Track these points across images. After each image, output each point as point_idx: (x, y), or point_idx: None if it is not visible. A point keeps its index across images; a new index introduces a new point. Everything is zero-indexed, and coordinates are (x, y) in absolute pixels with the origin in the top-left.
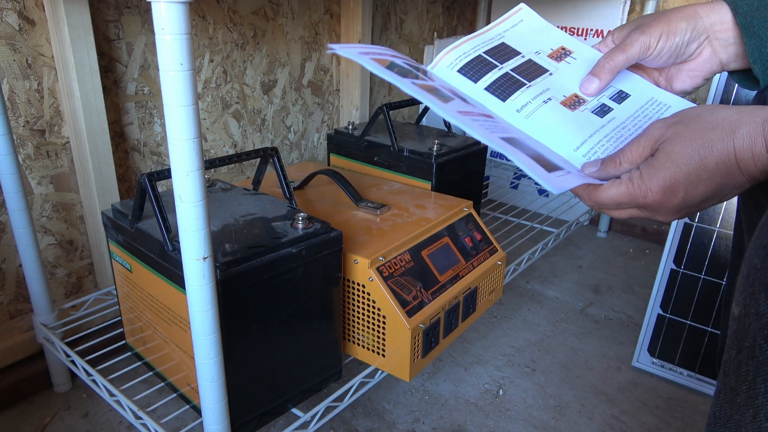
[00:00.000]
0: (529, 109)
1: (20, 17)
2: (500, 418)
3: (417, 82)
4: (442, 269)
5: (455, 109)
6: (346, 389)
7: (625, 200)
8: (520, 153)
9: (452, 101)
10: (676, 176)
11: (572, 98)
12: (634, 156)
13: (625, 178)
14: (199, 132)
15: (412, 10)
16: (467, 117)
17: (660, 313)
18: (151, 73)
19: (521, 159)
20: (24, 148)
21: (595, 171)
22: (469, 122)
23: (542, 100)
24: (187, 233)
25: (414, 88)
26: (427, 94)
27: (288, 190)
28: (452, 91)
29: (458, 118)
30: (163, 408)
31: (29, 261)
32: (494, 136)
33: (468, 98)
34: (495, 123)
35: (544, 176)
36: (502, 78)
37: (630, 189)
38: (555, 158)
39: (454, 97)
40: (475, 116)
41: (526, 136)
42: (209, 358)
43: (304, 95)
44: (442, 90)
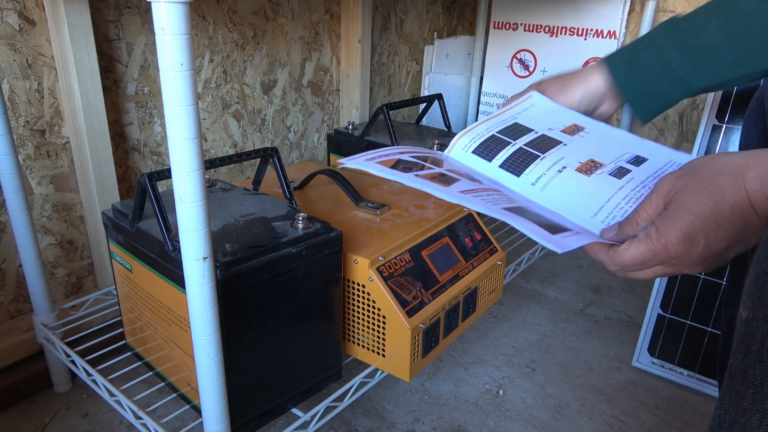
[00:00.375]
0: (544, 180)
1: (20, 17)
2: (500, 418)
3: (421, 173)
4: (442, 269)
5: (456, 190)
6: (346, 389)
7: (648, 257)
8: (522, 220)
9: (456, 183)
10: (693, 224)
11: (588, 164)
12: (648, 213)
13: (642, 236)
14: (199, 132)
15: (412, 10)
16: (468, 195)
17: (660, 313)
18: (151, 73)
19: (523, 224)
20: (24, 148)
21: (613, 235)
22: (469, 199)
23: (557, 169)
24: (187, 233)
25: (415, 180)
26: (428, 183)
27: (288, 190)
28: (466, 173)
29: (458, 198)
30: (163, 408)
31: (29, 261)
32: (496, 207)
33: (482, 177)
34: (501, 195)
35: (547, 238)
36: (516, 153)
37: (649, 245)
38: (566, 223)
39: (460, 179)
40: (479, 192)
41: (537, 206)
42: (209, 358)
43: (304, 95)
44: (448, 174)
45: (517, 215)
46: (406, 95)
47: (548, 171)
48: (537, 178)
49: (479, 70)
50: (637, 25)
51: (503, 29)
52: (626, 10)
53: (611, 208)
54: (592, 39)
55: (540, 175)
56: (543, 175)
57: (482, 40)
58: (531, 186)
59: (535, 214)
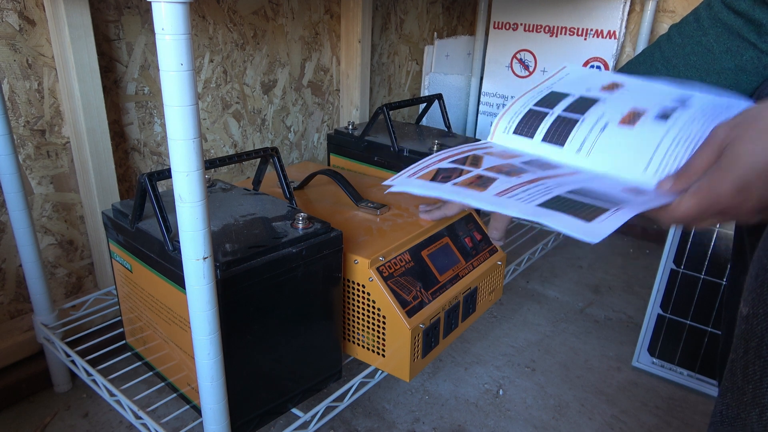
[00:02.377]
0: (588, 144)
1: (20, 17)
2: (500, 418)
3: (458, 180)
4: (442, 269)
5: (492, 194)
6: (346, 389)
7: (701, 211)
8: (554, 215)
9: (493, 184)
10: (746, 177)
11: (630, 115)
12: (702, 163)
13: (694, 189)
14: (199, 132)
15: (412, 10)
16: (503, 197)
17: (660, 313)
18: (151, 73)
19: (555, 220)
20: (24, 148)
21: (670, 186)
22: (504, 203)
23: (599, 129)
24: (187, 233)
25: (453, 192)
26: (466, 191)
27: (288, 190)
28: (507, 166)
29: (493, 203)
30: (163, 408)
31: (29, 261)
32: (530, 207)
33: (527, 161)
34: (538, 187)
35: (581, 229)
36: (555, 123)
37: (701, 198)
38: (615, 191)
39: (497, 177)
40: (515, 190)
41: (586, 175)
42: (209, 358)
43: (304, 95)
44: (486, 175)
45: (550, 209)
46: (406, 95)
47: (590, 133)
48: (581, 144)
49: (479, 70)
50: (637, 25)
51: (503, 29)
52: (626, 10)
53: (661, 156)
54: (592, 39)
55: (583, 140)
56: (586, 139)
57: (482, 40)
58: (576, 154)
59: (578, 194)
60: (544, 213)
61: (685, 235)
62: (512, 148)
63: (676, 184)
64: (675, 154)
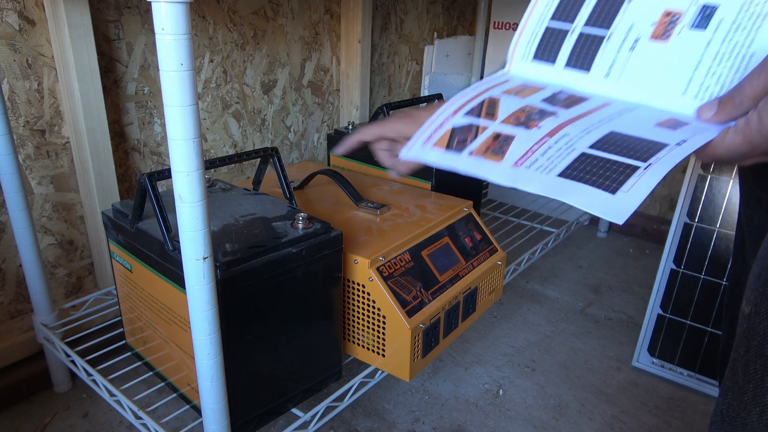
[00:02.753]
0: (618, 67)
1: (20, 17)
2: (500, 418)
3: (474, 146)
4: (442, 269)
5: (510, 164)
6: (346, 389)
7: (747, 150)
8: (576, 187)
9: (512, 144)
10: None
11: (663, 21)
12: (754, 89)
13: (741, 124)
14: (199, 132)
15: (412, 10)
16: (521, 167)
17: (660, 313)
18: (151, 73)
19: (577, 196)
20: (24, 148)
21: (713, 115)
22: (522, 176)
23: (629, 47)
24: (187, 233)
25: (470, 164)
26: (483, 163)
27: (288, 190)
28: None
29: (512, 178)
30: (163, 408)
31: (29, 261)
32: (549, 178)
33: (551, 92)
34: (561, 140)
35: (606, 206)
36: (578, 43)
37: (749, 136)
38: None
39: (515, 134)
40: (534, 153)
41: (617, 113)
42: (209, 358)
43: (304, 95)
44: (503, 133)
45: (571, 180)
46: (406, 95)
47: (619, 53)
48: (609, 67)
49: (479, 70)
50: None
51: (503, 29)
52: None
53: (702, 76)
54: None
55: (612, 62)
56: (615, 60)
57: (482, 40)
58: (605, 79)
59: (605, 147)
60: (565, 186)
61: (685, 235)
62: (532, 80)
63: (720, 112)
64: (719, 72)
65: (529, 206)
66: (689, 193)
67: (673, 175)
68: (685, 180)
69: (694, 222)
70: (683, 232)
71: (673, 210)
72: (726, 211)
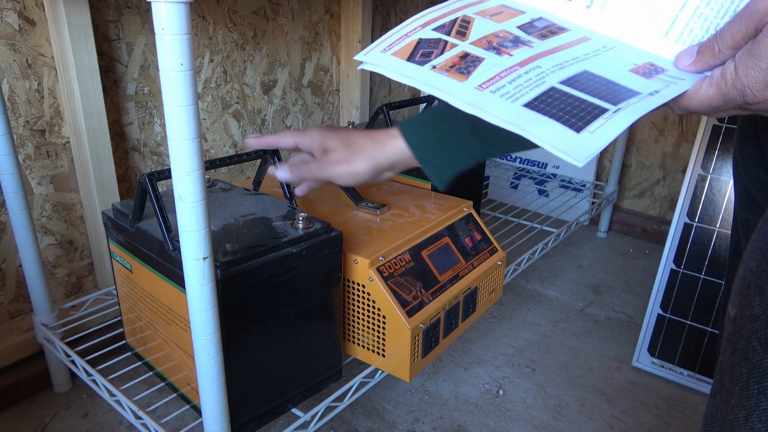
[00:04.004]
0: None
1: (20, 17)
2: (500, 418)
3: (439, 61)
4: (442, 269)
5: (474, 85)
6: (346, 389)
7: (720, 103)
8: (540, 119)
9: (479, 66)
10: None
11: None
12: (735, 39)
13: (717, 75)
14: (199, 132)
15: (412, 10)
16: (485, 91)
17: (660, 313)
18: (151, 73)
19: (539, 129)
20: (24, 148)
21: (690, 63)
22: (483, 100)
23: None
24: (188, 233)
25: (429, 80)
26: (443, 80)
27: (288, 190)
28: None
29: (472, 100)
30: (163, 408)
31: (29, 261)
32: (513, 107)
33: (529, 18)
34: (531, 71)
35: (568, 145)
36: None
37: (723, 89)
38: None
39: (485, 56)
40: (502, 77)
41: (594, 50)
42: (209, 358)
43: (304, 95)
44: (472, 53)
45: (536, 112)
46: (406, 95)
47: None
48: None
49: None
50: None
51: None
52: None
53: (687, 18)
54: None
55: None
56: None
57: None
58: (587, 10)
59: (576, 84)
60: (528, 117)
61: (685, 235)
62: (512, 2)
63: (698, 60)
64: (705, 15)
65: (529, 206)
66: (689, 193)
67: (673, 174)
68: (685, 180)
69: (694, 222)
70: (683, 232)
71: (673, 210)
72: (726, 211)
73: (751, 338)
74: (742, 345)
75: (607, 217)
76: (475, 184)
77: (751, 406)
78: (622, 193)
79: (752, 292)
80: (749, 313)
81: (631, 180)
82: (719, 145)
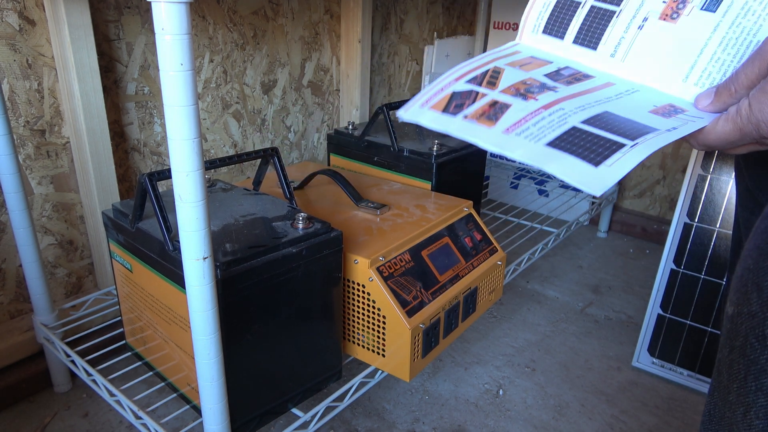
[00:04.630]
0: (624, 47)
1: (20, 17)
2: (500, 418)
3: (470, 111)
4: (442, 269)
5: (500, 130)
6: (346, 389)
7: (736, 138)
8: (561, 156)
9: (506, 112)
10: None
11: (674, 1)
12: (749, 79)
13: (732, 111)
14: (199, 132)
15: (412, 10)
16: (511, 134)
17: (660, 313)
18: (151, 73)
19: (560, 165)
20: (24, 148)
21: (709, 103)
22: (510, 142)
23: (637, 25)
24: (188, 233)
25: (462, 128)
26: (474, 127)
27: (288, 190)
28: (527, 81)
29: (500, 143)
30: (163, 408)
31: (29, 261)
32: (537, 146)
33: (556, 67)
34: (554, 113)
35: (586, 177)
36: (588, 17)
37: (739, 124)
38: (640, 119)
39: (512, 103)
40: (527, 120)
41: (616, 95)
42: (209, 358)
43: (304, 95)
44: (500, 101)
45: (557, 150)
46: (406, 95)
47: (627, 31)
48: (616, 46)
49: None
50: None
51: (503, 29)
52: None
53: (705, 62)
54: None
55: (618, 41)
56: (622, 39)
57: (482, 40)
58: (610, 58)
59: (597, 123)
60: (550, 155)
61: (685, 235)
62: (540, 53)
63: (716, 101)
64: (722, 60)
65: (529, 206)
66: (689, 193)
67: (673, 174)
68: (685, 180)
69: (694, 222)
70: (683, 232)
71: (673, 210)
72: (726, 211)
73: (748, 335)
74: (739, 342)
75: (607, 217)
76: (475, 184)
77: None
78: (622, 193)
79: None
80: (747, 310)
81: (631, 180)
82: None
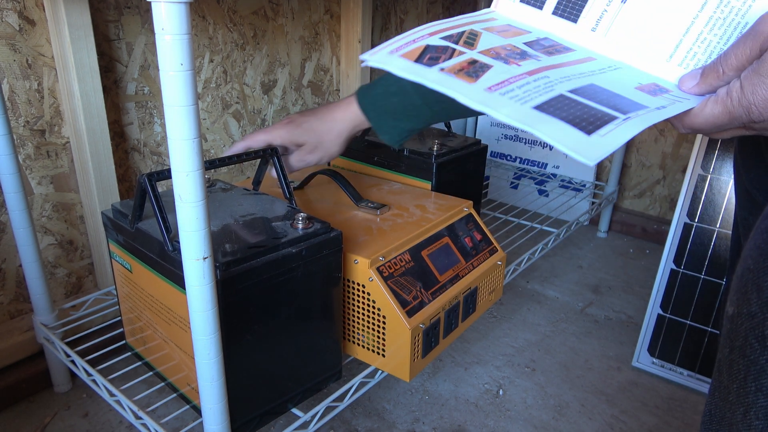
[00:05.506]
0: (606, 21)
1: (20, 17)
2: (500, 418)
3: (447, 64)
4: (442, 269)
5: (483, 87)
6: (346, 389)
7: (725, 121)
8: (550, 120)
9: (487, 72)
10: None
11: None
12: (740, 60)
13: (722, 94)
14: (199, 132)
15: (412, 10)
16: (496, 93)
17: (660, 313)
18: (151, 73)
19: (550, 128)
20: (24, 148)
21: (694, 85)
22: (495, 100)
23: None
24: (187, 233)
25: (438, 78)
26: (453, 80)
27: (288, 190)
28: (507, 46)
29: (483, 99)
30: (163, 408)
31: (29, 261)
32: (524, 108)
33: (534, 37)
34: (539, 81)
35: (579, 144)
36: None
37: (729, 106)
38: (625, 93)
39: (493, 64)
40: (511, 83)
41: (599, 69)
42: (209, 358)
43: (304, 95)
44: (480, 60)
45: (546, 114)
46: None
47: (610, 4)
48: (597, 20)
49: None
50: None
51: None
52: None
53: (691, 43)
54: None
55: (600, 14)
56: (604, 12)
57: None
58: (591, 33)
59: (584, 94)
60: (539, 118)
61: (685, 235)
62: (517, 22)
63: (702, 83)
64: (707, 41)
65: (529, 206)
66: (689, 193)
67: (673, 175)
68: (685, 180)
69: (694, 222)
70: (683, 232)
71: (673, 210)
72: (726, 211)
73: (748, 335)
74: (739, 342)
75: (607, 217)
76: (475, 184)
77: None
78: (622, 193)
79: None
80: (747, 310)
81: (631, 180)
82: (719, 145)
